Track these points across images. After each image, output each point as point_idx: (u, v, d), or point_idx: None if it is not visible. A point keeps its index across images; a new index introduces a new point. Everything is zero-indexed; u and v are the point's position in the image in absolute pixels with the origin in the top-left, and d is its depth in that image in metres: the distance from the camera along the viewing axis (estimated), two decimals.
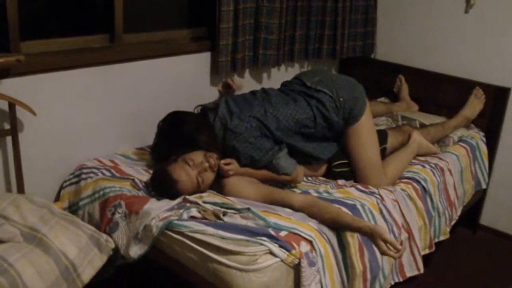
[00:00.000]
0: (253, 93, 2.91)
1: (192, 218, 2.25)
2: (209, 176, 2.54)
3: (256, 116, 2.69)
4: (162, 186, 2.48)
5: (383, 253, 2.18)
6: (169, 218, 2.21)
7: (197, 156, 2.52)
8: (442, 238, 3.10)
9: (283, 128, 2.71)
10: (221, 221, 2.22)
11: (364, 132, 2.87)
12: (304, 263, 2.06)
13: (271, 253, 2.04)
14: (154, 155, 2.78)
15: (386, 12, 4.16)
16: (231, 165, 2.60)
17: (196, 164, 2.49)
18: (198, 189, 2.51)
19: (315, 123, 2.76)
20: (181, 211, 2.27)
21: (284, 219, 2.27)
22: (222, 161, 2.59)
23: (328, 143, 2.88)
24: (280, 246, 2.07)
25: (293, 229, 2.18)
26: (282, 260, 2.05)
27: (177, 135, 2.64)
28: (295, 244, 2.09)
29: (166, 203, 2.35)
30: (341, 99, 2.79)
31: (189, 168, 2.47)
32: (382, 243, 2.17)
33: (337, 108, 2.78)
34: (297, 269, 2.08)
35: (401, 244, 2.17)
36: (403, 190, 2.81)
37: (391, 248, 2.16)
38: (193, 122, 2.68)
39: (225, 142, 2.67)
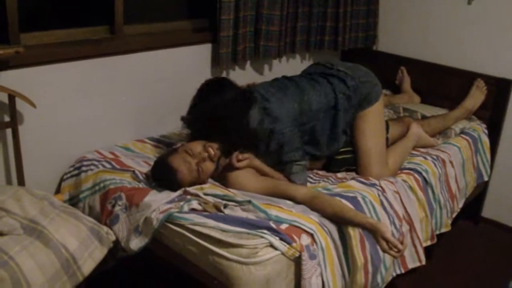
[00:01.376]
0: (277, 79, 2.91)
1: (193, 210, 2.25)
2: (209, 166, 2.52)
3: (294, 100, 2.70)
4: (162, 175, 2.48)
5: (384, 251, 2.17)
6: (169, 210, 2.21)
7: (196, 146, 2.51)
8: (443, 230, 3.09)
9: (312, 111, 2.73)
10: (222, 214, 2.21)
11: (375, 118, 2.90)
12: (305, 256, 2.06)
13: (272, 246, 2.04)
14: (187, 121, 2.73)
15: (388, 3, 4.14)
16: (244, 162, 2.57)
17: (195, 154, 2.48)
18: (198, 179, 2.50)
19: (336, 101, 2.78)
20: (181, 203, 2.27)
21: (285, 212, 2.27)
22: (238, 156, 2.55)
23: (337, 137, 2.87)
24: (281, 239, 2.06)
25: (294, 221, 2.18)
26: (282, 253, 2.04)
27: (212, 109, 2.59)
28: (295, 237, 2.09)
29: (167, 195, 2.35)
30: (361, 79, 2.85)
31: (189, 158, 2.46)
32: (383, 242, 2.16)
33: (356, 88, 2.82)
34: (297, 262, 2.08)
35: (402, 243, 2.15)
36: (404, 181, 2.80)
37: (392, 247, 2.16)
38: (233, 101, 2.61)
39: (261, 126, 2.62)
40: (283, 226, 2.14)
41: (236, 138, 2.59)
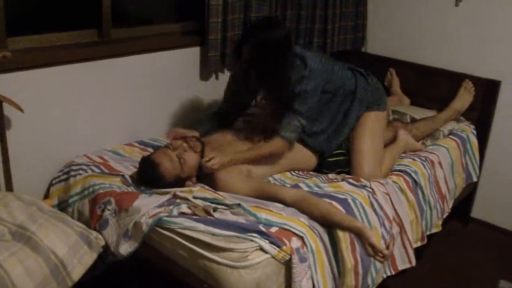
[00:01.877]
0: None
1: (182, 214, 2.24)
2: (191, 157, 2.55)
3: (329, 62, 2.86)
4: (145, 172, 2.52)
5: (369, 255, 2.19)
6: (159, 214, 2.20)
7: (177, 141, 2.57)
8: (434, 231, 3.09)
9: (336, 83, 2.86)
10: (212, 217, 2.21)
11: (378, 122, 3.00)
12: (295, 259, 2.05)
13: (262, 249, 2.04)
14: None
15: (376, 5, 4.15)
16: (213, 160, 2.56)
17: (176, 147, 2.53)
18: (182, 171, 2.51)
19: (356, 87, 2.93)
20: (171, 207, 2.26)
21: (275, 215, 2.26)
22: (204, 159, 2.57)
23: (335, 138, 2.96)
24: (271, 243, 2.06)
25: (284, 224, 2.17)
26: (272, 257, 2.04)
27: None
28: (285, 240, 2.08)
29: (156, 199, 2.34)
30: (378, 85, 3.07)
31: (169, 151, 2.52)
32: (368, 247, 2.19)
33: (374, 88, 3.00)
34: (288, 265, 2.07)
35: (388, 247, 2.16)
36: (394, 182, 2.80)
37: (377, 252, 2.17)
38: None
39: (297, 70, 2.72)
40: (273, 229, 2.14)
41: (274, 78, 2.67)
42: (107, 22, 2.85)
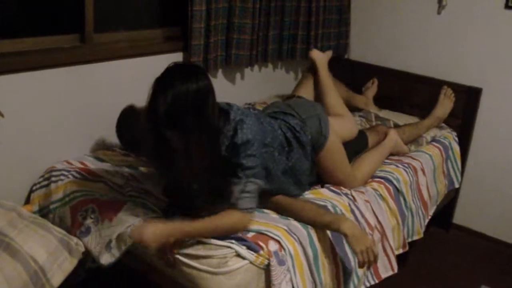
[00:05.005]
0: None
1: None
2: None
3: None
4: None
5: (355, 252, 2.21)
6: None
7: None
8: (415, 237, 3.10)
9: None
10: None
11: (335, 153, 2.73)
12: (274, 262, 2.06)
13: (239, 255, 2.04)
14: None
15: (359, 12, 4.17)
16: (153, 244, 2.02)
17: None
18: None
19: (289, 144, 2.53)
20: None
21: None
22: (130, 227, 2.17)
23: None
24: (248, 248, 2.06)
25: (260, 230, 2.18)
26: (251, 262, 2.04)
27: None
28: (263, 244, 2.09)
29: (142, 211, 2.31)
30: (304, 117, 2.65)
31: None
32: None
33: (304, 128, 2.62)
34: (268, 269, 2.07)
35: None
36: (375, 190, 2.81)
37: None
38: None
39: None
40: (250, 234, 2.14)
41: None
42: (89, 27, 2.83)
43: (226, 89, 3.61)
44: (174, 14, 3.28)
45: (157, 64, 3.13)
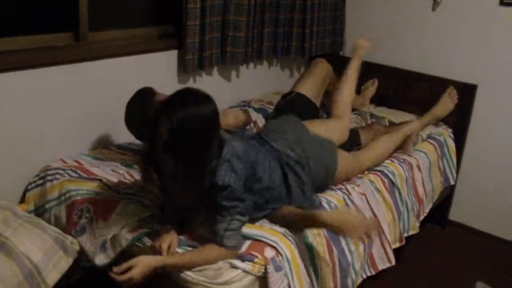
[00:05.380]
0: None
1: None
2: None
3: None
4: None
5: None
6: (139, 230, 2.18)
7: None
8: (411, 232, 3.10)
9: None
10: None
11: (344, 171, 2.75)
12: (270, 268, 2.04)
13: (235, 267, 2.02)
14: None
15: (354, 9, 4.17)
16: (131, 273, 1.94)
17: None
18: None
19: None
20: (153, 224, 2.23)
21: (246, 226, 2.21)
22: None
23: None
24: (243, 261, 2.04)
25: (256, 236, 2.16)
26: (247, 271, 2.02)
27: None
28: (256, 253, 2.06)
29: (137, 211, 2.30)
30: (311, 163, 2.55)
31: None
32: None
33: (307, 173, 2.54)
34: (266, 276, 2.05)
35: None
36: (371, 181, 2.81)
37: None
38: None
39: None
40: (245, 244, 2.12)
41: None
42: (84, 25, 2.83)
43: (221, 87, 3.61)
44: (169, 12, 3.27)
45: (151, 62, 3.15)
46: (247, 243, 2.13)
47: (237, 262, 2.02)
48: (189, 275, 2.00)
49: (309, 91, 3.28)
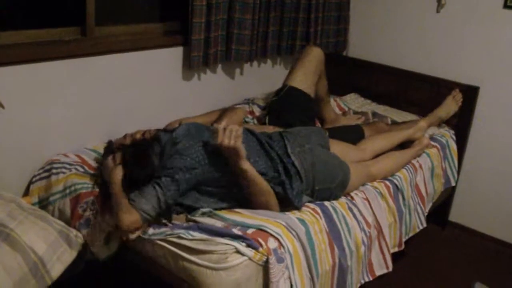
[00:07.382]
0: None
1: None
2: None
3: None
4: None
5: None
6: None
7: None
8: (411, 234, 3.11)
9: None
10: (192, 223, 2.21)
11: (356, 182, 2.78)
12: (272, 259, 2.06)
13: (239, 252, 2.05)
14: None
15: (359, 10, 4.18)
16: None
17: None
18: None
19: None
20: None
21: (249, 217, 2.26)
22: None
23: None
24: (248, 245, 2.06)
25: (261, 226, 2.18)
26: (250, 258, 2.04)
27: None
28: (262, 241, 2.09)
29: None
30: (316, 188, 2.60)
31: None
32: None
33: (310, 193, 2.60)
34: (267, 266, 2.08)
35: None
36: (374, 187, 2.82)
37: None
38: None
39: None
40: (250, 231, 2.15)
41: None
42: (91, 20, 2.84)
43: (225, 84, 3.62)
44: (175, 8, 3.29)
45: (157, 58, 3.16)
46: (251, 231, 2.16)
47: (241, 247, 2.05)
48: (193, 258, 2.05)
49: (302, 82, 3.27)
